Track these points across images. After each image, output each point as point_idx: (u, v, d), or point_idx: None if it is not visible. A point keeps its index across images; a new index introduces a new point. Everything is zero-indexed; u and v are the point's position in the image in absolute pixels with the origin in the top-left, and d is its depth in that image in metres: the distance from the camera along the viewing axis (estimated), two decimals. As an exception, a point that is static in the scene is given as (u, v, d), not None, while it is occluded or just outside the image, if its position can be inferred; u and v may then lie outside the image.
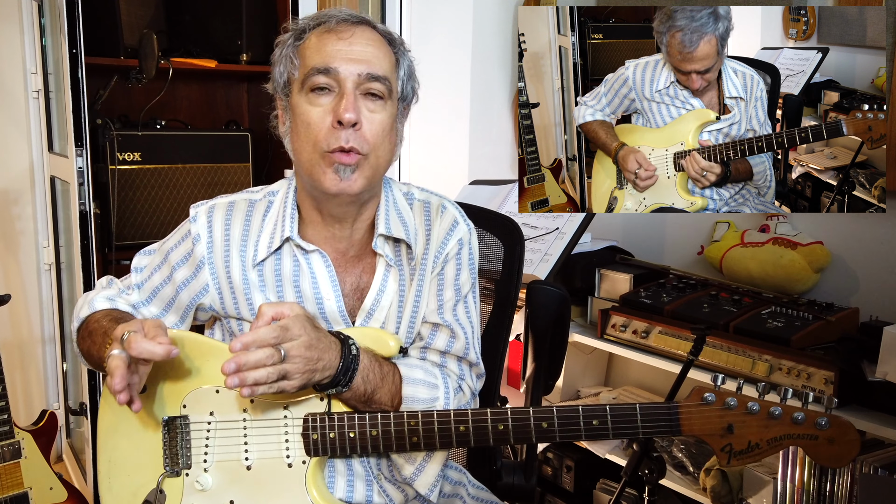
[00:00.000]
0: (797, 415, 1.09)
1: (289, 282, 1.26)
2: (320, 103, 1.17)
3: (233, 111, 3.22)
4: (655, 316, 2.16)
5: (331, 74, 1.16)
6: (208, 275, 1.28)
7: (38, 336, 2.94)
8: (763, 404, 1.10)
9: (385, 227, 1.27)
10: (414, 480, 1.25)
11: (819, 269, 2.17)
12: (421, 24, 3.01)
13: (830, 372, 1.79)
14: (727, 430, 1.11)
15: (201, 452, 1.22)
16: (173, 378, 1.24)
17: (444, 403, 1.26)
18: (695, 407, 1.12)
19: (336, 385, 1.16)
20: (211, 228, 1.28)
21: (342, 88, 1.16)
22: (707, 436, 1.12)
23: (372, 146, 1.18)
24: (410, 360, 1.28)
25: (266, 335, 1.07)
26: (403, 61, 1.24)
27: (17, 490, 2.08)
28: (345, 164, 1.16)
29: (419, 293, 1.30)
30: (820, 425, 1.08)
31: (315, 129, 1.17)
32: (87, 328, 1.29)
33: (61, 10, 2.24)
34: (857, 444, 1.08)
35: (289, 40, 1.22)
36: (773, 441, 1.10)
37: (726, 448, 1.11)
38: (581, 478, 2.43)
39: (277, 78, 1.24)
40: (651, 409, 1.13)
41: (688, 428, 1.12)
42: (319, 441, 1.19)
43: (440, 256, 1.30)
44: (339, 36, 1.17)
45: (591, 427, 1.14)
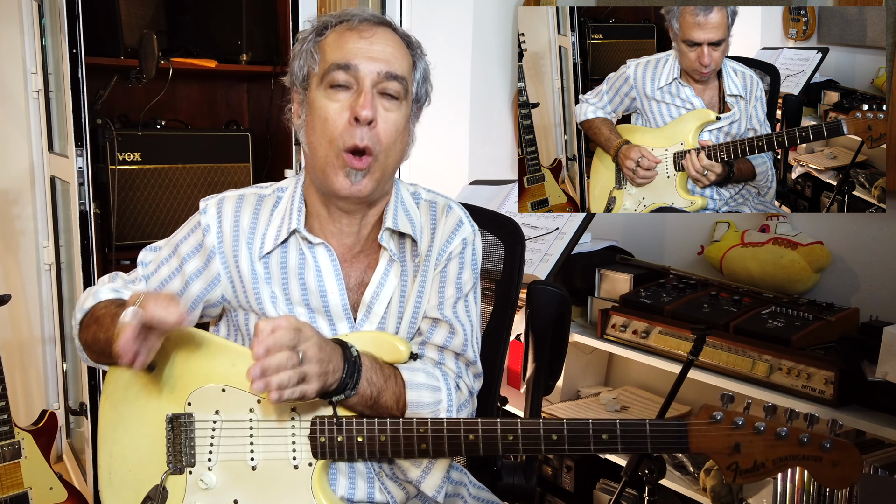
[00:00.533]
0: (803, 436, 1.10)
1: (294, 274, 1.27)
2: (338, 99, 1.19)
3: (233, 111, 3.22)
4: (655, 316, 2.16)
5: (350, 71, 1.17)
6: (220, 265, 1.28)
7: (38, 336, 2.94)
8: (770, 425, 1.12)
9: (392, 222, 1.28)
10: (421, 483, 1.26)
11: (819, 269, 2.17)
12: (421, 24, 3.01)
13: (830, 372, 1.79)
14: (734, 448, 1.12)
15: (206, 451, 1.22)
16: (178, 375, 1.24)
17: (447, 405, 1.27)
18: (703, 425, 1.13)
19: (344, 389, 1.15)
20: (220, 219, 1.29)
21: (360, 85, 1.18)
22: (714, 453, 1.13)
23: (384, 146, 1.20)
24: (411, 364, 1.28)
25: (284, 337, 1.07)
26: (420, 64, 1.26)
27: (17, 490, 2.08)
28: (357, 168, 1.18)
29: (422, 290, 1.31)
30: (825, 447, 1.10)
31: (332, 125, 1.18)
32: (93, 315, 1.28)
33: (61, 10, 2.24)
34: (859, 466, 1.10)
35: (310, 35, 1.23)
36: (779, 461, 1.11)
37: (732, 466, 1.13)
38: (581, 478, 2.43)
39: (297, 71, 1.25)
40: (660, 426, 1.15)
41: (696, 445, 1.14)
42: (327, 444, 1.19)
43: (444, 254, 1.32)
44: (360, 34, 1.19)
45: (600, 441, 1.15)
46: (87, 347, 1.31)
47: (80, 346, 1.34)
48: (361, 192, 1.20)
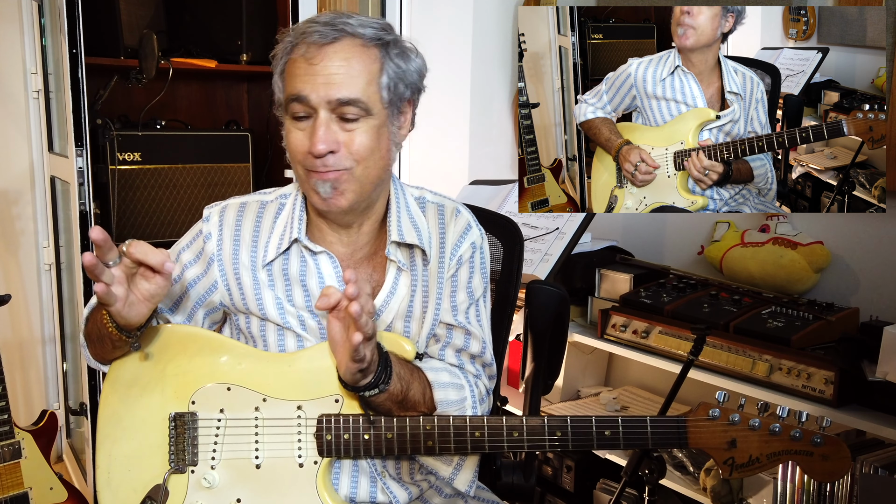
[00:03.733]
0: (795, 432, 1.16)
1: (296, 281, 1.28)
2: (301, 127, 1.20)
3: (233, 111, 3.23)
4: (655, 316, 2.16)
5: (303, 102, 1.17)
6: (217, 272, 1.29)
7: (38, 336, 2.94)
8: (764, 421, 1.17)
9: (398, 234, 1.28)
10: (453, 480, 1.28)
11: (819, 269, 2.17)
12: (421, 24, 3.01)
13: (830, 372, 1.79)
14: (731, 444, 1.17)
15: (209, 450, 1.22)
16: (182, 374, 1.24)
17: (472, 402, 1.29)
18: (701, 422, 1.18)
19: (378, 383, 1.15)
20: (222, 227, 1.30)
21: (316, 115, 1.18)
22: (711, 449, 1.18)
23: (357, 161, 1.20)
24: (432, 363, 1.30)
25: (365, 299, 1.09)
26: (388, 65, 1.20)
27: (18, 490, 2.08)
28: (324, 180, 1.19)
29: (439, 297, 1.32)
30: (815, 442, 1.16)
31: (298, 153, 1.21)
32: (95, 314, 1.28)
33: (61, 10, 2.24)
34: (848, 461, 1.16)
35: (276, 63, 1.24)
36: (773, 456, 1.17)
37: (728, 461, 1.18)
38: (581, 478, 2.43)
39: (276, 95, 1.26)
40: (661, 422, 1.19)
41: (694, 441, 1.18)
42: (333, 442, 1.20)
43: (454, 258, 1.33)
44: (309, 62, 1.17)
45: (602, 437, 1.18)
46: (90, 342, 1.31)
47: (84, 343, 1.34)
48: (340, 205, 1.21)
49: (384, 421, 1.19)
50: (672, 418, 1.18)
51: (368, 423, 1.19)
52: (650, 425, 1.18)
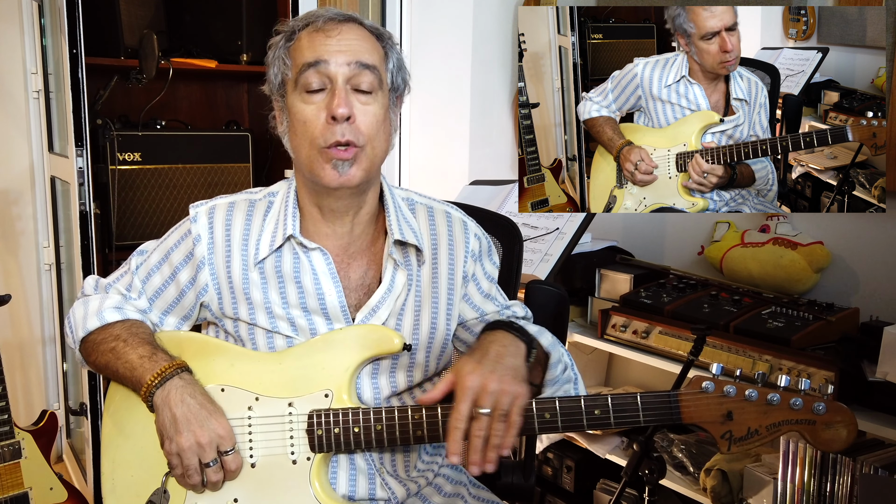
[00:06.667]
0: (795, 400, 1.10)
1: (290, 278, 1.27)
2: (314, 101, 1.20)
3: (233, 111, 3.22)
4: (656, 316, 2.16)
5: (321, 69, 1.18)
6: (208, 275, 1.28)
7: (38, 336, 2.94)
8: (761, 391, 1.12)
9: (399, 233, 1.29)
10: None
11: (819, 269, 2.17)
12: (421, 24, 3.01)
13: (830, 372, 1.79)
14: (727, 417, 1.12)
15: None
16: None
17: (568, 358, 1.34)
18: (694, 395, 1.13)
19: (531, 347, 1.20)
20: (212, 229, 1.29)
21: (333, 84, 1.19)
22: (707, 423, 1.13)
23: (367, 137, 1.20)
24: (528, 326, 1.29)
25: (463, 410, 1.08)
26: (392, 55, 1.27)
27: (18, 490, 2.08)
28: (342, 158, 1.19)
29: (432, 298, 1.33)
30: (818, 410, 1.10)
31: (311, 127, 1.19)
32: (106, 343, 1.29)
33: (61, 10, 2.24)
34: (854, 427, 1.09)
35: (280, 42, 1.25)
36: (772, 427, 1.11)
37: (726, 435, 1.13)
38: (581, 478, 2.43)
39: (272, 79, 1.26)
40: (651, 397, 1.14)
41: (688, 416, 1.13)
42: (324, 437, 1.20)
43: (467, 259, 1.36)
44: (327, 34, 1.20)
45: (593, 416, 1.15)
46: (93, 366, 1.32)
47: (82, 360, 1.35)
48: (351, 181, 1.20)
49: (373, 413, 1.19)
50: (663, 393, 1.14)
51: (357, 417, 1.19)
52: (641, 401, 1.14)
